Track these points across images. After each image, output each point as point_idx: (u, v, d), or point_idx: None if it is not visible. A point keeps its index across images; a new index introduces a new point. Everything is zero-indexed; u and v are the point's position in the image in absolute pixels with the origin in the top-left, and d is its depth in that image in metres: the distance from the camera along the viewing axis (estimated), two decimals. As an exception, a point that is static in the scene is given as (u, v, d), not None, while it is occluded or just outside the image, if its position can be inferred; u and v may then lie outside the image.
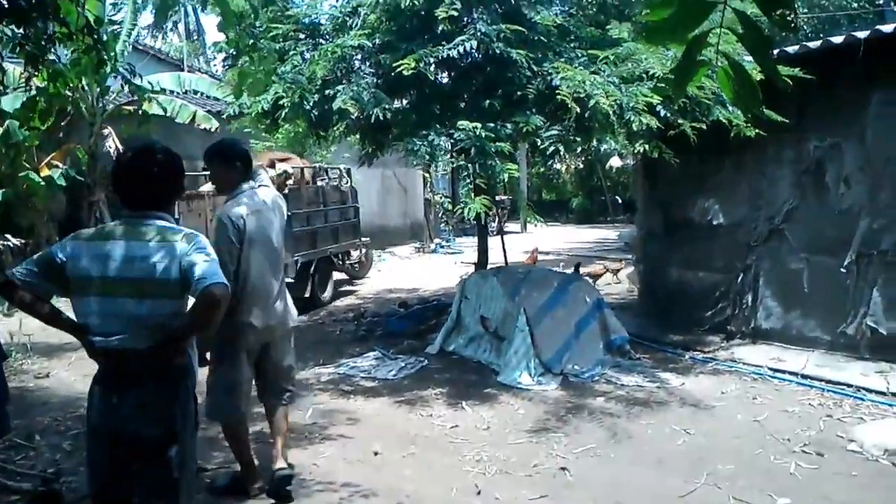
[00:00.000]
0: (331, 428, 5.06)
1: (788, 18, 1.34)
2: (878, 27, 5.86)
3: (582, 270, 9.62)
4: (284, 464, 3.96)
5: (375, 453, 4.61)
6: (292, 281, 9.11)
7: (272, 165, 9.72)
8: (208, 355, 3.72)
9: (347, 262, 12.13)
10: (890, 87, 5.88)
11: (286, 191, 9.28)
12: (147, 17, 30.58)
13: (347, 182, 11.92)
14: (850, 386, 5.52)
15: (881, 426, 4.61)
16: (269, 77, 4.15)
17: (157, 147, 2.66)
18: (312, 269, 10.17)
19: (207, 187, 10.06)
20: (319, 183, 10.85)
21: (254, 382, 4.02)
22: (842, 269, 6.13)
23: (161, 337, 2.42)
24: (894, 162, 5.86)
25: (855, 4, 14.22)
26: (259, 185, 3.94)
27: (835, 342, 6.23)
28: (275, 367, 4.04)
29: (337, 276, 11.71)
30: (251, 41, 3.98)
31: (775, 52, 6.10)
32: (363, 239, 12.30)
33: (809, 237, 6.47)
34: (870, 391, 5.39)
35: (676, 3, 1.40)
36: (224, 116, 7.27)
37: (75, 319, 2.50)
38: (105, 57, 3.97)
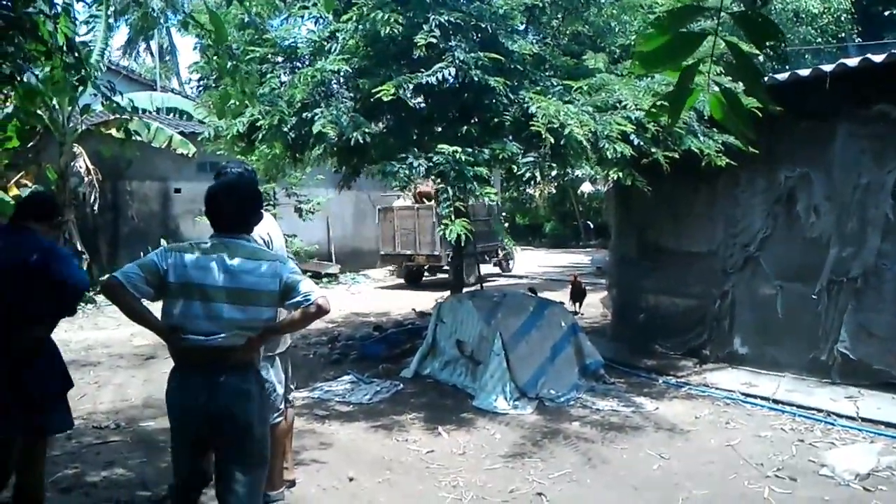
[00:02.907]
0: (304, 453, 4.99)
1: (778, 50, 1.38)
2: (842, 61, 6.04)
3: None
4: None
5: (350, 479, 4.55)
6: (446, 268, 14.38)
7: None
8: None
9: (495, 258, 16.77)
10: (855, 119, 6.05)
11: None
12: (119, 37, 30.43)
13: (492, 200, 14.36)
14: (820, 411, 5.60)
15: (851, 451, 4.68)
16: (251, 99, 4.16)
17: (244, 181, 3.24)
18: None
19: (398, 203, 16.07)
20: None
21: None
22: (813, 296, 6.25)
23: (253, 336, 2.87)
24: (860, 191, 6.01)
25: (819, 39, 14.64)
26: None
27: (806, 367, 6.33)
28: None
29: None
30: (233, 63, 3.98)
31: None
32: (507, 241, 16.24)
33: (783, 265, 6.60)
34: (840, 416, 5.47)
35: (669, 33, 1.44)
36: (199, 139, 7.23)
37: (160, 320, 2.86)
38: (85, 75, 3.94)
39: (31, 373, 3.55)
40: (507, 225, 19.13)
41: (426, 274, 16.39)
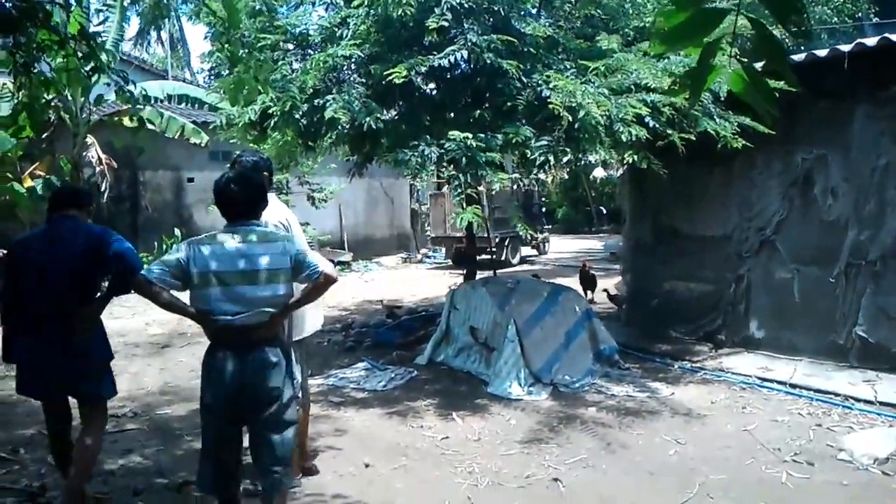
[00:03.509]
0: (319, 440, 5.01)
1: (802, 26, 1.35)
2: (860, 41, 5.94)
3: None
4: None
5: (366, 465, 4.57)
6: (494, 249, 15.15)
7: None
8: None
9: (534, 241, 18.13)
10: (873, 100, 5.96)
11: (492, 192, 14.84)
12: (131, 28, 30.50)
13: (534, 186, 18.72)
14: (838, 395, 5.55)
15: (870, 435, 4.64)
16: (265, 86, 4.14)
17: (249, 174, 3.47)
18: (507, 242, 16.63)
19: (447, 188, 17.43)
20: (514, 187, 16.45)
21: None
22: (831, 280, 6.19)
23: (276, 312, 3.12)
24: (879, 173, 5.92)
25: (835, 19, 14.40)
26: None
27: (823, 351, 6.27)
28: None
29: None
30: (246, 50, 3.96)
31: (759, 64, 6.15)
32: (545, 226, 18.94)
33: (799, 248, 6.53)
34: (858, 400, 5.42)
35: (690, 9, 1.41)
36: (211, 127, 7.23)
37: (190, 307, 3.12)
38: (99, 64, 3.93)
39: (90, 344, 3.84)
40: (544, 210, 21.91)
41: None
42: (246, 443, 3.27)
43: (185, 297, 3.13)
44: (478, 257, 16.74)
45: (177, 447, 5.01)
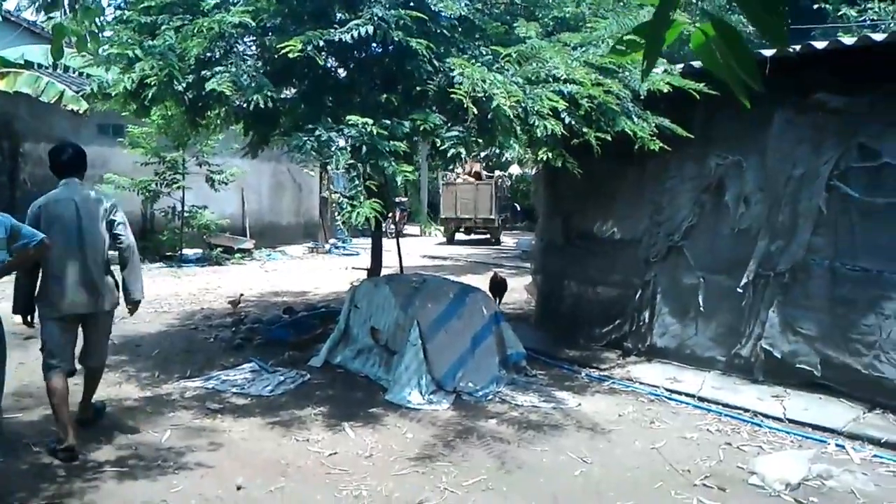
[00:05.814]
0: (188, 455, 4.43)
1: (783, 28, 0.94)
2: (783, 48, 5.78)
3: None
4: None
5: (238, 487, 4.01)
6: (495, 228, 22.08)
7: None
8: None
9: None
10: (792, 107, 5.81)
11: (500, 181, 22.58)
12: (24, -13, 28.20)
13: (507, 181, 24.31)
14: (746, 410, 5.37)
15: (781, 458, 4.42)
16: (94, 39, 3.55)
17: None
18: (505, 223, 22.23)
19: (459, 180, 22.54)
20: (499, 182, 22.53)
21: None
22: (738, 290, 6.02)
23: None
24: (794, 182, 5.78)
25: (750, 28, 14.64)
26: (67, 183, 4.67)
27: (730, 363, 6.13)
28: (88, 342, 4.77)
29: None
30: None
31: (679, 66, 5.93)
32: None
33: (707, 256, 6.36)
34: (767, 416, 5.25)
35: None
36: (80, 94, 6.44)
37: None
38: None
39: None
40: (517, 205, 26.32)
41: (462, 234, 22.64)
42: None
43: None
44: (472, 234, 22.49)
45: (21, 461, 4.32)
